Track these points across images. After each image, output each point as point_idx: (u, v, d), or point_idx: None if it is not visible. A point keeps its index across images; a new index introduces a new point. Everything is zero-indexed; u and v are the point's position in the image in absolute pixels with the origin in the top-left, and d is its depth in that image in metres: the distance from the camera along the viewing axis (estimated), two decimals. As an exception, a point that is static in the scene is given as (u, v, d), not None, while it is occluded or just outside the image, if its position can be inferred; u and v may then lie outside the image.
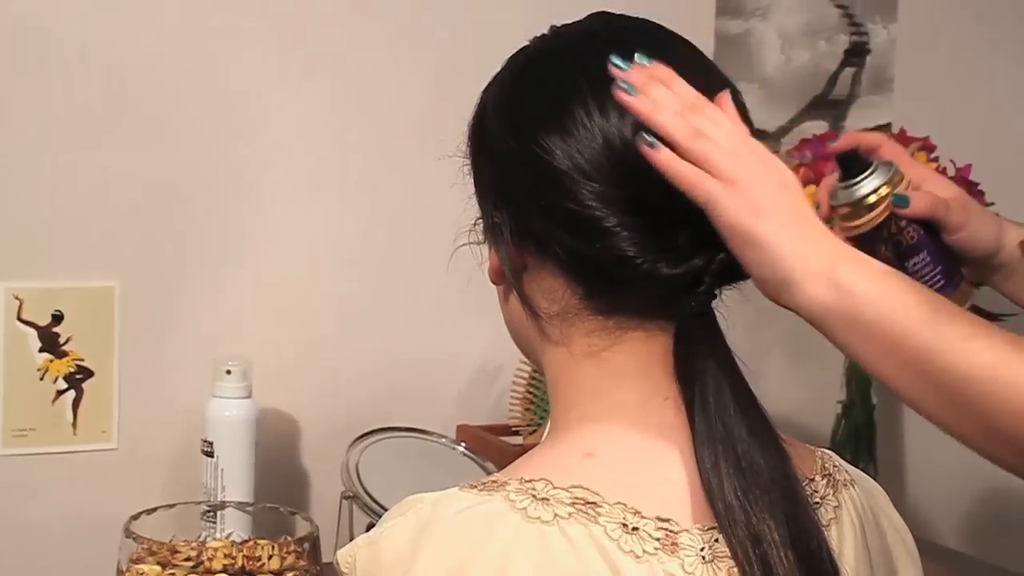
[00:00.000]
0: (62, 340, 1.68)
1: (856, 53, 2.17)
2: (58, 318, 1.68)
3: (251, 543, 1.48)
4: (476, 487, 0.86)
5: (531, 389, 1.82)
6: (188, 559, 1.43)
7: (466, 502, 0.84)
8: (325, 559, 1.56)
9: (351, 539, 1.63)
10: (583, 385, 0.91)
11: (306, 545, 1.48)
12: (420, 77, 1.85)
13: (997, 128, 2.20)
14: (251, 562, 1.43)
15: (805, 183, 1.94)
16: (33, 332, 1.67)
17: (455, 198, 1.00)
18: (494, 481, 0.86)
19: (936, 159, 1.94)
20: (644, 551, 0.84)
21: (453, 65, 1.84)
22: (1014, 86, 2.25)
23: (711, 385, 0.89)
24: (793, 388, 2.07)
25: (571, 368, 0.92)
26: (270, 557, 1.44)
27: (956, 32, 2.21)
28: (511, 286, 0.94)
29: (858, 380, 2.02)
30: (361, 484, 1.60)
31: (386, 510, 1.53)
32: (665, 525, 0.85)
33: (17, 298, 1.66)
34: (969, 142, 2.07)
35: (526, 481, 0.85)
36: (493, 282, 0.98)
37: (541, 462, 0.88)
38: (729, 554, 0.86)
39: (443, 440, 1.76)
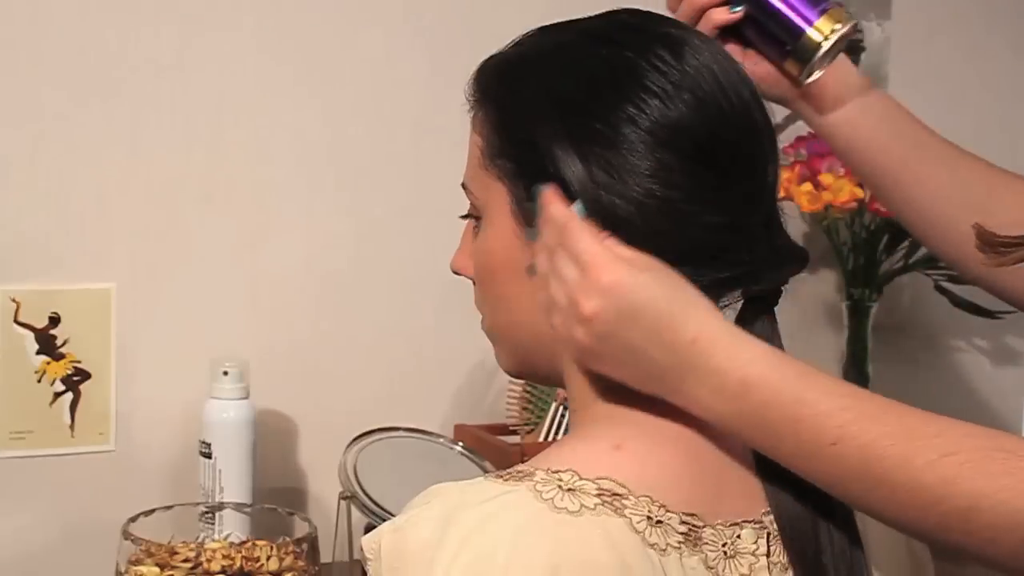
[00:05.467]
0: (59, 342, 1.68)
1: (850, 50, 2.15)
2: (55, 320, 1.68)
3: (249, 544, 1.49)
4: (503, 477, 0.86)
5: (528, 388, 1.82)
6: (186, 560, 1.43)
7: (492, 491, 0.84)
8: (323, 560, 1.56)
9: (350, 540, 1.65)
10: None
11: (304, 546, 1.48)
12: (414, 76, 1.85)
13: (992, 125, 2.20)
14: (249, 563, 1.43)
15: (800, 180, 1.95)
16: (30, 334, 1.67)
17: (452, 196, 0.99)
18: (520, 471, 0.86)
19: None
20: (668, 544, 0.85)
21: (448, 63, 1.84)
22: (1009, 83, 2.25)
23: None
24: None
25: None
26: (268, 558, 1.44)
27: (951, 29, 2.21)
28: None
29: (855, 378, 2.02)
30: (359, 484, 1.60)
31: (385, 510, 1.54)
32: (690, 519, 0.86)
33: (14, 300, 1.66)
34: (964, 139, 2.06)
35: (553, 472, 0.85)
36: (489, 274, 0.96)
37: (569, 453, 0.88)
38: (751, 551, 0.88)
39: (441, 440, 1.76)
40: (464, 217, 0.98)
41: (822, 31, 1.12)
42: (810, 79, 1.15)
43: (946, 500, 0.80)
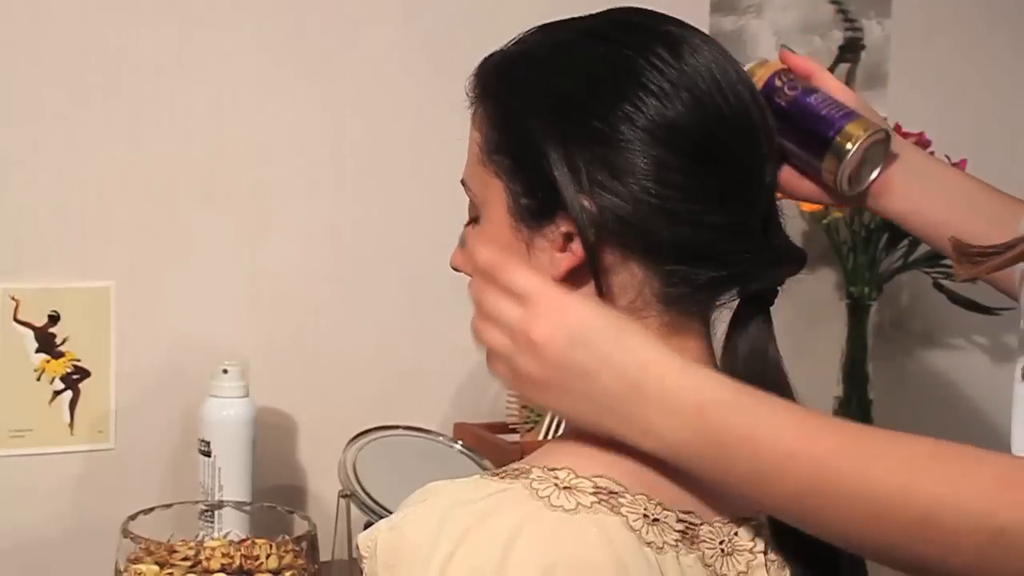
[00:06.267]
0: (59, 341, 1.68)
1: (850, 49, 2.18)
2: (55, 319, 1.68)
3: (249, 542, 1.49)
4: (499, 474, 0.86)
5: (528, 387, 1.82)
6: (186, 559, 1.43)
7: (488, 489, 0.84)
8: (323, 558, 1.56)
9: (349, 538, 1.64)
10: None
11: (304, 544, 1.48)
12: (414, 75, 1.85)
13: (992, 123, 2.20)
14: (249, 561, 1.43)
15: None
16: (30, 333, 1.67)
17: (451, 195, 0.99)
18: (516, 469, 0.86)
19: (931, 154, 1.95)
20: (665, 542, 0.85)
21: (449, 61, 1.84)
22: (1009, 82, 2.25)
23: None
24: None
25: None
26: (268, 556, 1.44)
27: (950, 27, 2.21)
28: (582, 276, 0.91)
29: (854, 376, 2.02)
30: (359, 483, 1.60)
31: (384, 508, 1.54)
32: (687, 517, 0.87)
33: (13, 299, 1.66)
34: (964, 139, 2.07)
35: (549, 469, 0.85)
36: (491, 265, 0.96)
37: (566, 451, 0.88)
38: (748, 548, 0.89)
39: (440, 438, 1.76)
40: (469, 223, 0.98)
41: (849, 137, 1.11)
42: (850, 192, 1.14)
43: (905, 508, 0.78)
